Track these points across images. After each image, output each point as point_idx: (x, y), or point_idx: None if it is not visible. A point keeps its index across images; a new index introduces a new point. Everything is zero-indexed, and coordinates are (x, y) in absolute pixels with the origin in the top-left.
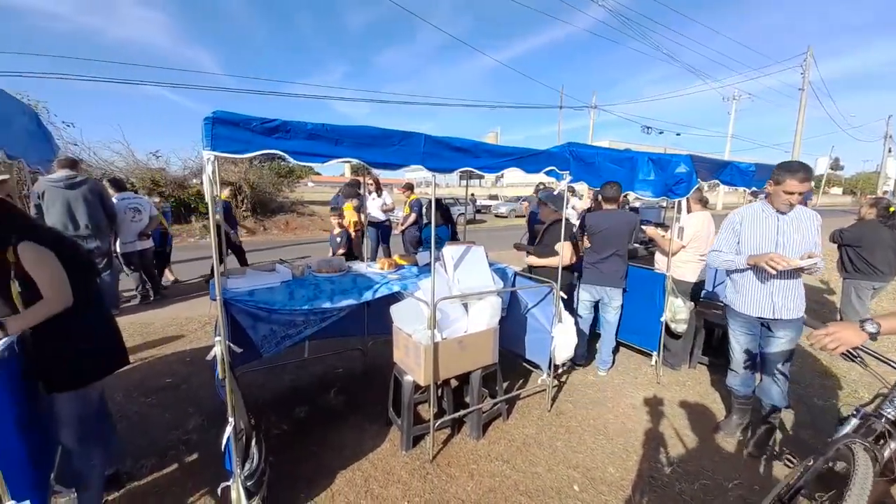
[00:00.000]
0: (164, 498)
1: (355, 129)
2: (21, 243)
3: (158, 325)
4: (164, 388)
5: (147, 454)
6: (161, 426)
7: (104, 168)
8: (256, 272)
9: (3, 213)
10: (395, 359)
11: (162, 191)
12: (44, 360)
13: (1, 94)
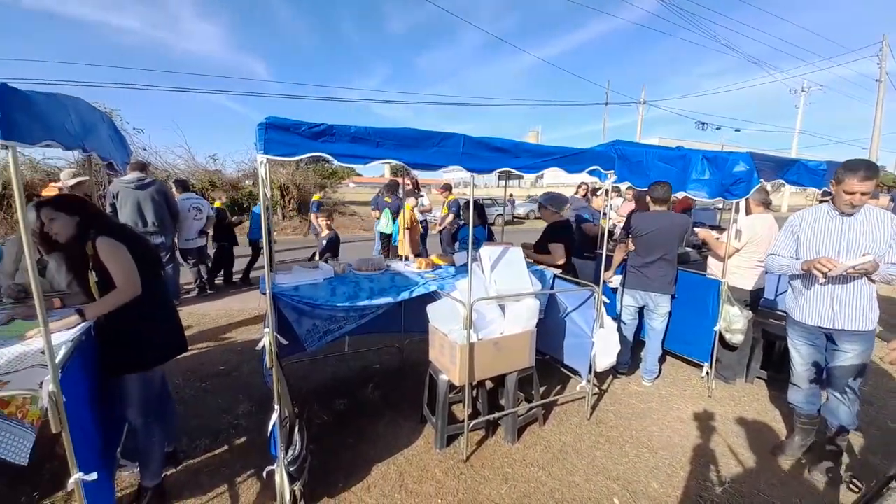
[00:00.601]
0: (215, 477)
1: (396, 131)
2: (98, 238)
3: (213, 315)
4: (218, 374)
5: (201, 435)
6: (214, 410)
7: (168, 170)
8: (302, 269)
9: (84, 211)
10: (430, 357)
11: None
12: (114, 344)
13: (84, 104)
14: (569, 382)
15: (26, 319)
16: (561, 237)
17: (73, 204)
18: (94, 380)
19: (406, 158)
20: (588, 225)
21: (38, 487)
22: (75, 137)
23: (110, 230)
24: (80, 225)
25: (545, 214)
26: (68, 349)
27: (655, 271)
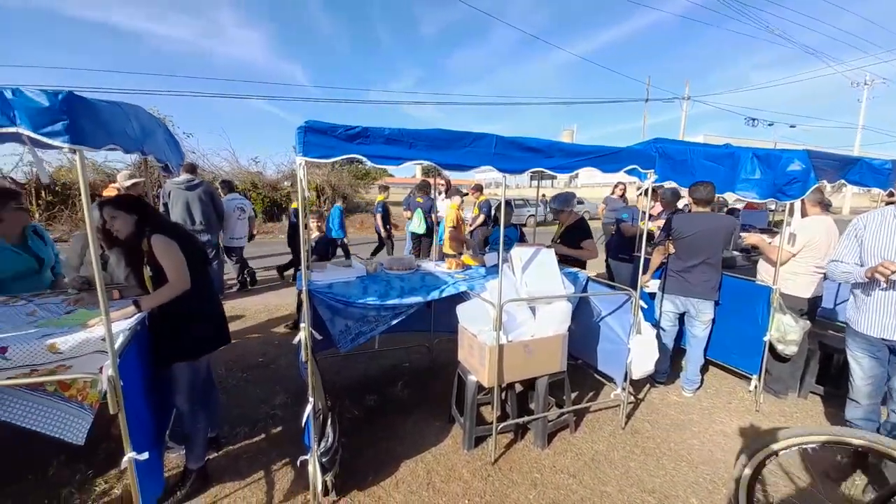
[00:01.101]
0: (253, 463)
1: (428, 132)
2: (153, 236)
3: (254, 310)
4: (257, 366)
5: (241, 423)
6: (253, 399)
7: (214, 172)
8: (335, 268)
9: (141, 210)
10: (459, 357)
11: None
12: (165, 334)
13: (141, 111)
14: (602, 389)
15: (89, 309)
16: (589, 233)
17: (132, 203)
18: (147, 367)
19: (438, 159)
20: (626, 225)
21: (93, 466)
22: (135, 141)
23: (164, 228)
24: (138, 223)
25: (563, 217)
26: (126, 337)
27: (698, 276)
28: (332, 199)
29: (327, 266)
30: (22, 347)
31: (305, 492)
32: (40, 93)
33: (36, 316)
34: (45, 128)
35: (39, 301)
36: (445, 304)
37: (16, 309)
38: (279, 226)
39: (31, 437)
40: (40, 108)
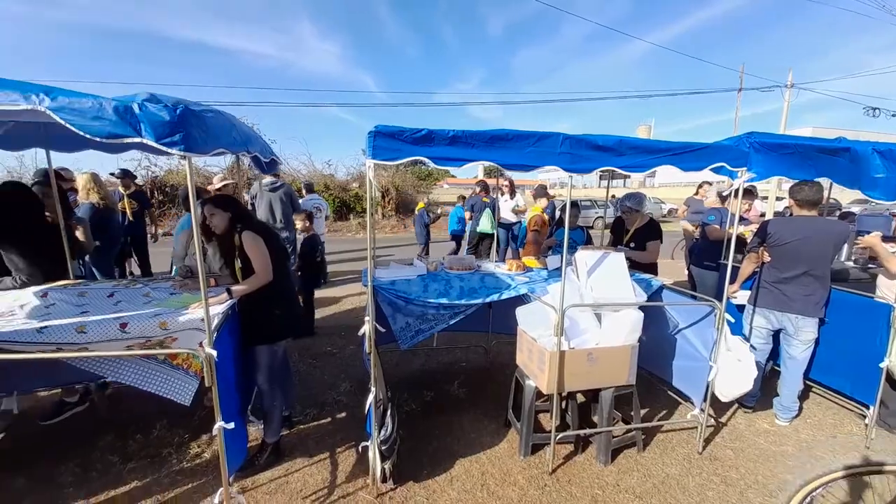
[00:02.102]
0: (320, 444)
1: (491, 132)
2: (244, 232)
3: (324, 302)
4: (325, 354)
5: (310, 405)
6: (321, 385)
7: (293, 175)
8: (398, 266)
9: (235, 208)
10: (517, 361)
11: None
12: (250, 319)
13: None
14: (677, 408)
15: (191, 293)
16: (659, 235)
17: (227, 202)
18: (236, 347)
19: (500, 159)
20: (712, 228)
21: (189, 430)
22: (239, 143)
23: (253, 226)
24: (232, 220)
25: (632, 217)
26: (219, 320)
27: (798, 289)
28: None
29: (390, 264)
30: (138, 323)
31: (365, 476)
32: (162, 107)
33: (150, 297)
34: (166, 139)
35: (153, 285)
36: (505, 305)
37: (135, 291)
38: (347, 224)
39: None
40: (162, 121)
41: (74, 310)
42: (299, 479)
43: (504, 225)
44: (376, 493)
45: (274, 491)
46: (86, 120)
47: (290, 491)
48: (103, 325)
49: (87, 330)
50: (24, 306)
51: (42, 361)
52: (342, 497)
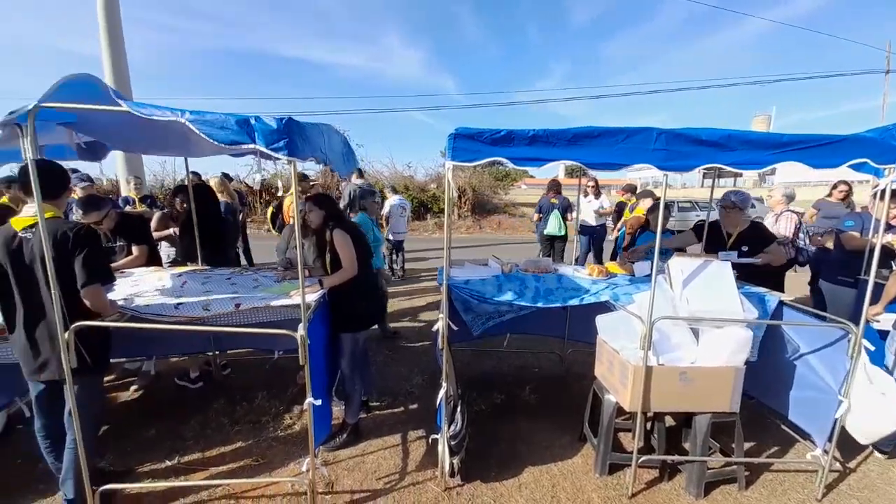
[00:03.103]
0: (393, 430)
1: (574, 130)
2: (335, 230)
3: (401, 297)
4: (401, 347)
5: (385, 393)
6: (396, 376)
7: (377, 176)
8: (472, 266)
9: (329, 207)
10: (596, 372)
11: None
12: (337, 309)
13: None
14: (793, 446)
15: (290, 282)
16: (771, 238)
17: (324, 201)
18: (325, 333)
19: (584, 158)
20: (849, 235)
21: (283, 403)
22: (325, 154)
23: (343, 225)
24: (325, 217)
25: (732, 217)
26: (313, 307)
27: None
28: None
29: (465, 264)
30: (250, 305)
31: (434, 468)
32: (271, 119)
33: (258, 283)
34: (273, 145)
35: (262, 273)
36: (583, 312)
37: (247, 277)
38: (424, 224)
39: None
40: (272, 130)
41: (201, 290)
42: (374, 461)
43: (586, 228)
44: (444, 486)
45: (351, 468)
46: (214, 130)
47: (366, 470)
48: (223, 304)
49: (210, 308)
50: (165, 285)
51: (176, 332)
52: (412, 485)
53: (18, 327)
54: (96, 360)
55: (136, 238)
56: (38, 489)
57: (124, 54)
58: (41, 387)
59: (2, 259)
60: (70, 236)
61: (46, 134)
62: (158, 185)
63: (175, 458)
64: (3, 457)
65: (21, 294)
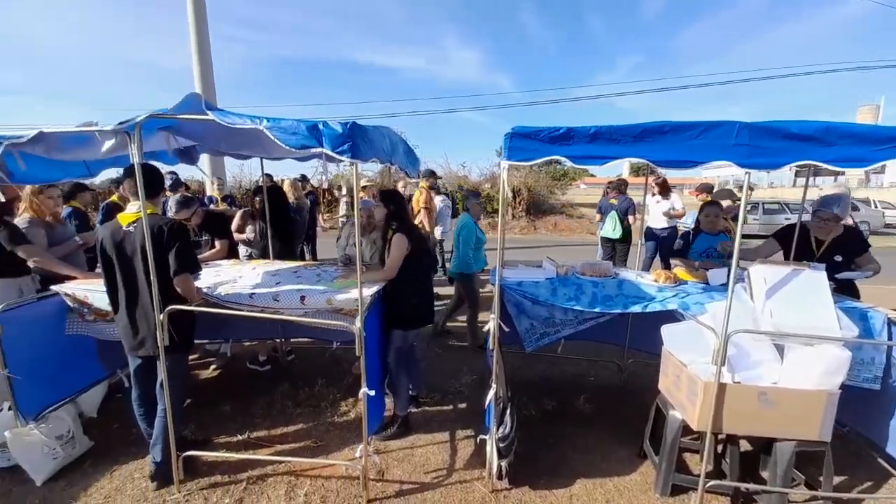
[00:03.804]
0: (442, 427)
1: (642, 126)
2: (397, 234)
3: (450, 296)
4: (450, 346)
5: (434, 390)
6: (445, 374)
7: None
8: (526, 267)
9: (393, 206)
10: (659, 386)
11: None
12: (390, 306)
13: (388, 130)
14: (887, 481)
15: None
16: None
17: (390, 198)
18: (379, 327)
19: (653, 155)
20: None
21: (340, 391)
22: (387, 155)
23: (405, 229)
24: (387, 216)
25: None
26: (368, 302)
27: None
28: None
29: (518, 265)
30: (312, 298)
31: (481, 468)
32: (337, 123)
33: (320, 277)
34: (338, 148)
35: (323, 268)
36: (647, 321)
37: (311, 272)
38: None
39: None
40: (337, 134)
41: (272, 282)
42: (422, 455)
43: (652, 232)
44: (491, 487)
45: (401, 459)
46: (287, 135)
47: (415, 463)
48: (290, 296)
49: (279, 299)
50: (242, 276)
51: (250, 318)
52: (459, 482)
53: (121, 309)
54: (184, 340)
55: (218, 233)
56: (132, 451)
57: (211, 67)
58: (138, 361)
59: (109, 250)
60: (165, 231)
61: (148, 141)
62: (237, 185)
63: (245, 433)
64: (105, 422)
65: (124, 281)
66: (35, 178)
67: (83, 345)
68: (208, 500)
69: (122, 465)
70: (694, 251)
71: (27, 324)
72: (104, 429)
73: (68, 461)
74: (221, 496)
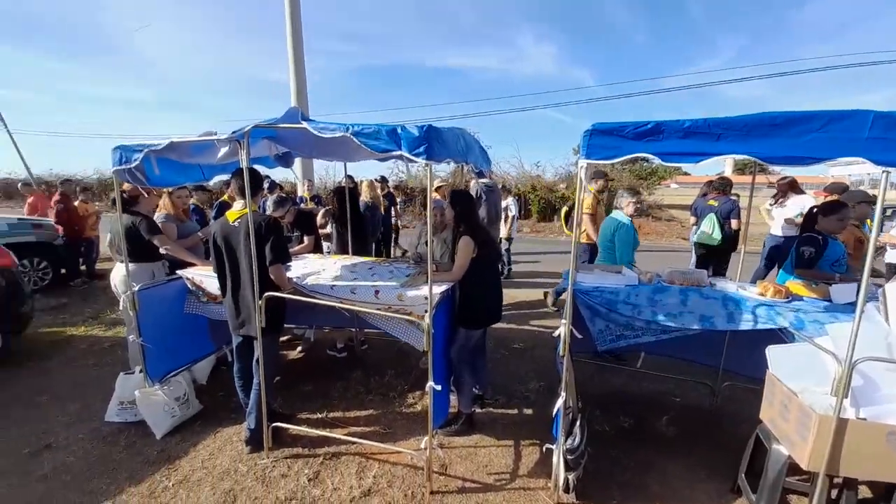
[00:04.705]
0: (506, 431)
1: (749, 118)
2: (464, 236)
3: (518, 297)
4: (516, 349)
5: (500, 392)
6: (511, 377)
7: (503, 177)
8: (603, 272)
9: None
10: (762, 415)
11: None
12: (458, 304)
13: (463, 131)
14: None
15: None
16: None
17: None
18: (447, 324)
19: (764, 151)
20: None
21: (408, 383)
22: (462, 155)
23: (472, 231)
24: (456, 217)
25: None
26: (438, 299)
27: None
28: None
29: (595, 269)
30: (385, 293)
31: (546, 478)
32: (414, 127)
33: (393, 273)
34: (415, 150)
35: (396, 265)
36: (749, 339)
37: (385, 268)
38: (550, 226)
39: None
40: (414, 137)
41: (350, 276)
42: (485, 456)
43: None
44: (556, 499)
45: (464, 457)
46: (370, 140)
47: (478, 462)
48: (365, 290)
49: (356, 292)
50: (325, 269)
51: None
52: (522, 489)
53: (227, 293)
54: (276, 323)
55: (306, 230)
56: (231, 417)
57: (305, 80)
58: (240, 339)
59: (219, 242)
60: (263, 226)
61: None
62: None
63: (324, 412)
64: (212, 389)
65: (230, 269)
66: (165, 181)
67: (197, 322)
68: (291, 468)
69: (224, 427)
70: (826, 260)
71: (157, 302)
72: (211, 395)
73: (182, 420)
74: (302, 467)
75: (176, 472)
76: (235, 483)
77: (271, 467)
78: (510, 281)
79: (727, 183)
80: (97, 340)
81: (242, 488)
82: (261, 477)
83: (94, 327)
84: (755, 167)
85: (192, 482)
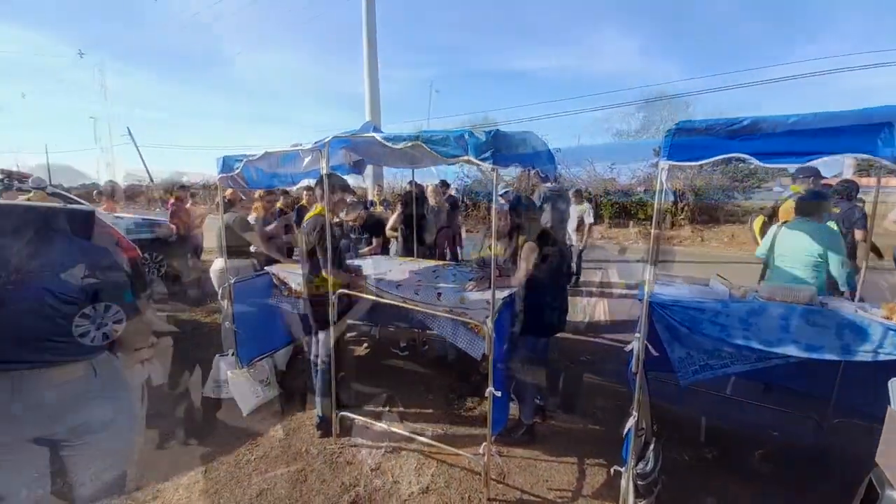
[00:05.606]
0: (570, 448)
1: (873, 111)
2: (528, 242)
3: (583, 308)
4: (583, 361)
5: (562, 406)
6: (576, 390)
7: (573, 181)
8: (687, 285)
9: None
10: (877, 459)
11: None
12: (523, 311)
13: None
14: None
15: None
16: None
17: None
18: (508, 330)
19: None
20: None
21: (468, 387)
22: (529, 159)
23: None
24: (517, 223)
25: None
26: (500, 305)
27: None
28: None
29: (676, 281)
30: (448, 296)
31: (613, 502)
32: (481, 132)
33: (456, 277)
34: (482, 155)
35: (459, 269)
36: (867, 370)
37: (448, 271)
38: (624, 232)
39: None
40: (480, 143)
41: (414, 278)
42: (546, 469)
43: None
44: None
45: (523, 468)
46: (439, 146)
47: (537, 475)
48: (428, 292)
49: (419, 293)
50: (392, 270)
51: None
52: None
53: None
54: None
55: (375, 232)
56: (305, 402)
57: (378, 92)
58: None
59: (301, 242)
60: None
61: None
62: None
63: (387, 407)
64: (290, 376)
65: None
66: (260, 184)
67: (279, 314)
68: (356, 456)
69: (299, 412)
70: None
71: (248, 293)
72: (289, 381)
73: (264, 401)
74: (365, 456)
75: (257, 448)
76: (307, 464)
77: (338, 453)
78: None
79: (853, 186)
80: (199, 325)
81: (312, 469)
82: (329, 461)
83: (197, 314)
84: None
85: (271, 458)
